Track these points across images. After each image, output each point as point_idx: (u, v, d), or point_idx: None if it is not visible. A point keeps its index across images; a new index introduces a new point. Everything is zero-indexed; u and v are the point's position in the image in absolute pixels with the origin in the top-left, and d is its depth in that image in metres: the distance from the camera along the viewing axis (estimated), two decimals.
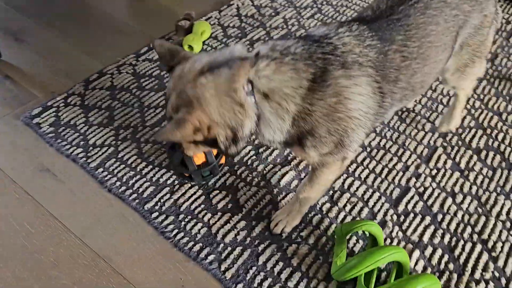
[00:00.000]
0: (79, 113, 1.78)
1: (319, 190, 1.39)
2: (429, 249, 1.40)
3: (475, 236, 1.44)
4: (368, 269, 1.19)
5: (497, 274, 1.35)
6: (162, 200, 1.49)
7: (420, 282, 1.14)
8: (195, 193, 1.52)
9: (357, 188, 1.56)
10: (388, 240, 1.42)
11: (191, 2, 2.47)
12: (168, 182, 1.55)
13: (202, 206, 1.49)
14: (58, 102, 1.82)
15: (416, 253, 1.38)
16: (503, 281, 1.33)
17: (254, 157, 1.64)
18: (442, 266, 1.36)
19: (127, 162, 1.61)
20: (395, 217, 1.48)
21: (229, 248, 1.37)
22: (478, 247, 1.41)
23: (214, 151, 1.50)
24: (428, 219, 1.48)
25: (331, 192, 1.54)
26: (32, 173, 1.58)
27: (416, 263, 1.36)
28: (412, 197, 1.54)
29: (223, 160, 1.56)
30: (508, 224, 1.47)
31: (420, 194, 1.55)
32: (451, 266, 1.36)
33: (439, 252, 1.39)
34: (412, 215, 1.49)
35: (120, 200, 1.50)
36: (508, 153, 1.70)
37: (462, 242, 1.42)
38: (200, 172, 1.50)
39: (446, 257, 1.38)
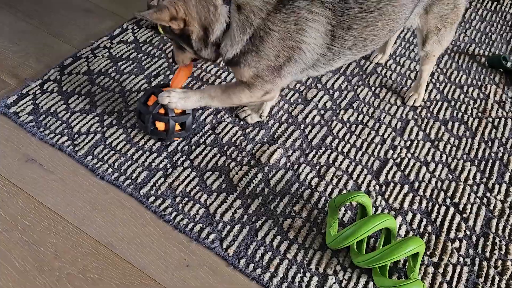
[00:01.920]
0: (58, 100, 1.74)
1: (224, 101, 1.49)
2: (410, 215, 1.53)
3: (448, 200, 1.59)
4: (363, 236, 1.30)
5: (468, 233, 1.51)
6: (157, 184, 1.52)
7: (409, 245, 1.26)
8: (188, 175, 1.56)
9: (341, 162, 1.66)
10: (373, 209, 1.54)
11: None
12: (161, 166, 1.57)
13: (197, 187, 1.53)
14: (34, 89, 1.77)
15: (399, 219, 1.52)
16: (474, 238, 1.50)
17: (242, 137, 1.70)
18: (421, 229, 1.50)
19: (116, 148, 1.61)
20: (377, 187, 1.60)
21: (228, 227, 1.44)
22: (451, 210, 1.56)
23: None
24: (406, 187, 1.61)
25: (317, 167, 1.64)
26: (18, 165, 1.54)
27: (399, 228, 1.50)
28: (391, 168, 1.66)
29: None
30: (474, 188, 1.64)
31: (398, 165, 1.68)
32: (429, 228, 1.51)
33: (418, 216, 1.53)
34: (392, 184, 1.61)
35: (114, 186, 1.51)
36: (471, 123, 1.87)
37: (437, 206, 1.57)
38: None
39: (424, 221, 1.52)
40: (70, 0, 2.23)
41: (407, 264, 1.38)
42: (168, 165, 1.58)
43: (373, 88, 1.96)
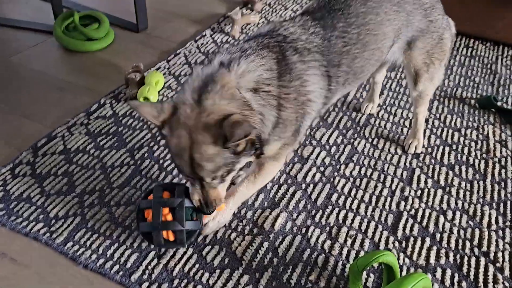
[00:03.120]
0: (32, 184, 1.56)
1: (260, 186, 1.43)
2: (439, 271, 1.36)
3: (476, 250, 1.44)
4: None
5: (507, 284, 1.34)
6: (149, 267, 1.32)
7: None
8: (185, 253, 1.36)
9: (352, 220, 1.51)
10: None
11: (133, 54, 2.37)
12: (152, 245, 1.38)
13: (197, 266, 1.33)
14: (4, 174, 1.59)
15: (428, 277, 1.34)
16: None
17: (241, 204, 1.53)
18: (456, 286, 1.33)
19: (99, 230, 1.41)
20: (396, 243, 1.44)
21: None
22: (482, 260, 1.40)
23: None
24: (428, 240, 1.45)
25: (327, 228, 1.47)
26: None
27: None
28: (406, 221, 1.52)
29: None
30: (500, 233, 1.50)
31: (413, 217, 1.53)
32: (464, 284, 1.33)
33: (448, 272, 1.36)
34: (412, 239, 1.46)
35: (100, 275, 1.30)
36: (478, 165, 1.77)
37: (466, 258, 1.41)
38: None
39: (457, 276, 1.35)
40: (42, 80, 2.12)
41: None
42: None
43: (370, 140, 1.86)
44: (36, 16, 2.67)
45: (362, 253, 1.40)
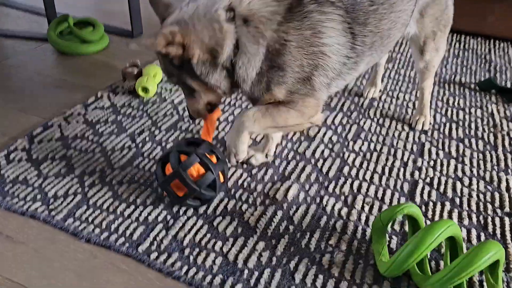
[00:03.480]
0: (28, 168, 1.48)
1: (267, 119, 1.26)
2: (464, 231, 1.29)
3: (499, 211, 1.37)
4: (429, 249, 1.04)
5: None
6: (158, 238, 1.22)
7: (489, 249, 1.01)
8: (195, 224, 1.28)
9: (367, 189, 1.44)
10: None
11: (128, 56, 2.34)
12: (160, 218, 1.29)
13: (208, 235, 1.24)
14: None
15: None
16: None
17: (249, 178, 1.46)
18: None
19: (102, 207, 1.33)
20: None
21: (256, 273, 1.13)
22: (507, 220, 1.34)
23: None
24: (448, 204, 1.39)
25: (343, 197, 1.40)
26: None
27: None
28: (423, 188, 1.46)
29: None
30: None
31: (429, 184, 1.48)
32: None
33: (474, 232, 1.29)
34: (431, 203, 1.39)
35: (105, 248, 1.20)
36: (487, 138, 1.74)
37: (490, 218, 1.34)
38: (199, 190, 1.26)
39: (483, 235, 1.28)
40: (39, 79, 2.07)
41: (485, 283, 1.10)
42: (169, 216, 1.30)
43: (375, 119, 1.83)
44: (30, 28, 2.66)
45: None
